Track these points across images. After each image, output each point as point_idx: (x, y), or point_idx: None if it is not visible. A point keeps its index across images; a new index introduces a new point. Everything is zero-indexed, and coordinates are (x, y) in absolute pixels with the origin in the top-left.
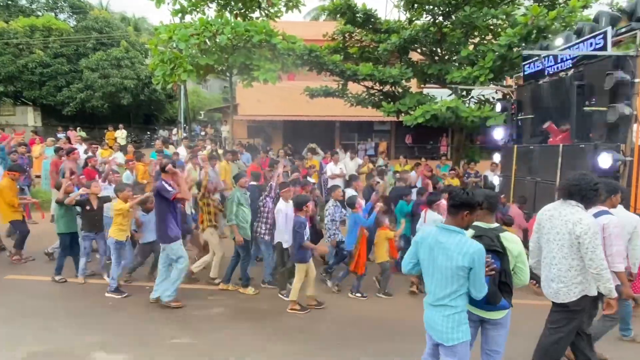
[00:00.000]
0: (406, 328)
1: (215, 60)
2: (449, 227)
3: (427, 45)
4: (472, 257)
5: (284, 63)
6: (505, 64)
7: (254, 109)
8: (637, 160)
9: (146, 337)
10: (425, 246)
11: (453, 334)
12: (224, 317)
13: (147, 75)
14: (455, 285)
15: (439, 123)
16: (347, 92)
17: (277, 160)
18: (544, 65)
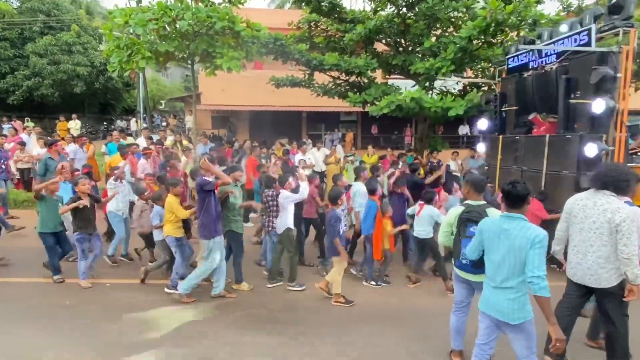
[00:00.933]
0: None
1: (175, 46)
2: (512, 214)
3: (391, 36)
4: (533, 241)
5: (248, 51)
6: (465, 55)
7: (218, 99)
8: (618, 149)
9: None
10: (491, 234)
11: (519, 314)
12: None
13: (101, 62)
14: (518, 269)
15: (404, 113)
16: (314, 82)
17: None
18: (528, 59)
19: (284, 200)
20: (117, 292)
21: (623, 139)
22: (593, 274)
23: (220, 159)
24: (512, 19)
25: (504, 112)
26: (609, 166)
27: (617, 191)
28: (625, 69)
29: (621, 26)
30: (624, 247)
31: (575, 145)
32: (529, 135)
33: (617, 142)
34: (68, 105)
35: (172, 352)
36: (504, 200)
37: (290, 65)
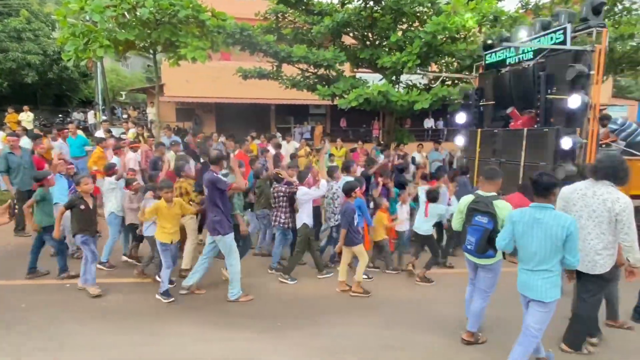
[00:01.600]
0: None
1: (135, 35)
2: (543, 204)
3: (359, 29)
4: (569, 228)
5: (213, 41)
6: (430, 50)
7: (183, 90)
8: (591, 142)
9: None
10: (523, 224)
11: (551, 292)
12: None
13: (55, 51)
14: (553, 253)
15: (371, 107)
16: (282, 75)
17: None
18: (506, 56)
19: (303, 196)
20: (81, 292)
21: (596, 132)
22: (590, 260)
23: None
24: (473, 15)
25: (482, 106)
26: (610, 157)
27: (617, 182)
28: (598, 67)
29: (595, 27)
30: (625, 235)
31: (552, 138)
32: (507, 128)
33: (590, 135)
34: (18, 96)
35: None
36: (534, 190)
37: (258, 56)
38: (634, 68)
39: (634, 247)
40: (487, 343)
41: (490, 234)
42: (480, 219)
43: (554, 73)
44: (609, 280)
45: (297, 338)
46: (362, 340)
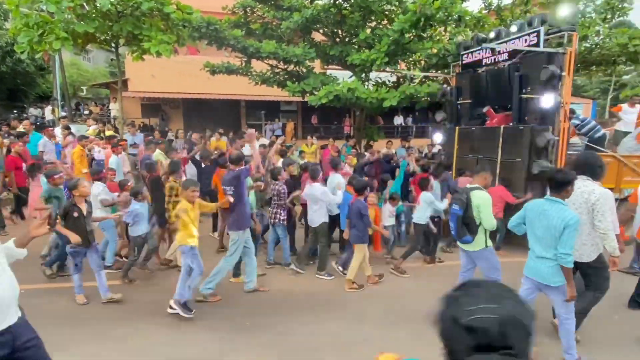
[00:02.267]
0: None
1: (95, 27)
2: (554, 198)
3: (328, 26)
4: (567, 222)
5: (179, 35)
6: (398, 48)
7: (148, 85)
8: (562, 139)
9: None
10: (534, 212)
11: (557, 278)
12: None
13: (8, 42)
14: (553, 243)
15: (341, 104)
16: (251, 70)
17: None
18: (482, 56)
19: (321, 194)
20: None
21: (567, 130)
22: (578, 249)
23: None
24: (439, 14)
25: (459, 104)
26: (587, 154)
27: (593, 176)
28: (569, 68)
29: (566, 30)
30: (599, 222)
31: (527, 135)
32: (484, 126)
33: (562, 132)
34: None
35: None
36: (549, 185)
37: (227, 51)
38: (587, 68)
39: (609, 235)
40: None
41: (463, 219)
42: (454, 207)
43: (528, 74)
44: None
45: (270, 336)
46: (335, 336)
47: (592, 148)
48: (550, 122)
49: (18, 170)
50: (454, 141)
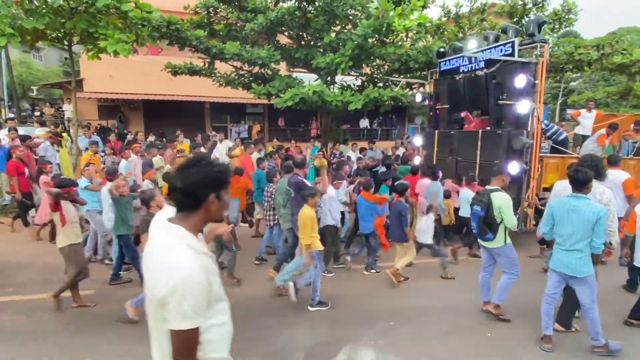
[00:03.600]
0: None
1: (46, 24)
2: (579, 195)
3: (293, 29)
4: (599, 214)
5: (138, 34)
6: (362, 52)
7: (105, 86)
8: (536, 142)
9: None
10: (561, 211)
11: (585, 268)
12: None
13: None
14: (585, 235)
15: (307, 106)
16: (215, 72)
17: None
18: (459, 64)
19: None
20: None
21: (539, 133)
22: None
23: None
24: (401, 20)
25: (438, 109)
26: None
27: (599, 177)
28: (541, 77)
29: (539, 42)
30: (611, 222)
31: (504, 139)
32: (462, 130)
33: (536, 135)
34: None
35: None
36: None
37: (190, 52)
38: None
39: (616, 232)
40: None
41: (485, 219)
42: (476, 208)
43: (503, 81)
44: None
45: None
46: (297, 341)
47: (557, 150)
48: (524, 126)
49: (21, 175)
50: (433, 144)
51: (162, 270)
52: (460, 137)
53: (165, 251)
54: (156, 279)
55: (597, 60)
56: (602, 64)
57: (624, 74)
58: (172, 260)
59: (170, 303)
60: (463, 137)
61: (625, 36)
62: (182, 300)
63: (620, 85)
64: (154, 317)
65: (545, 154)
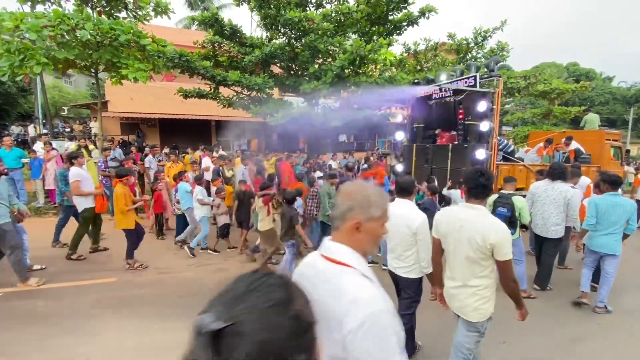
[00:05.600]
0: None
1: (76, 55)
2: (615, 193)
3: (284, 60)
4: (632, 207)
5: (155, 64)
6: (340, 81)
7: (126, 106)
8: (493, 153)
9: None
10: (607, 206)
11: (618, 248)
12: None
13: None
14: (623, 221)
15: (296, 124)
16: (219, 95)
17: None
18: (432, 92)
19: None
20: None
21: (496, 147)
22: (553, 230)
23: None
24: (370, 55)
25: (415, 127)
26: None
27: (565, 180)
28: (497, 103)
29: (495, 76)
30: (572, 212)
31: (470, 151)
32: (435, 144)
33: (494, 147)
34: None
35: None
36: (611, 185)
37: (197, 79)
38: None
39: (577, 218)
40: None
41: (510, 218)
42: (502, 209)
43: (468, 106)
44: (562, 241)
45: None
46: None
47: (507, 159)
48: (485, 141)
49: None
50: (412, 155)
51: None
52: (434, 150)
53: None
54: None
55: (524, 87)
56: (529, 91)
57: (545, 99)
58: None
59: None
60: (436, 150)
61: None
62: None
63: (543, 108)
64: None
65: (500, 162)
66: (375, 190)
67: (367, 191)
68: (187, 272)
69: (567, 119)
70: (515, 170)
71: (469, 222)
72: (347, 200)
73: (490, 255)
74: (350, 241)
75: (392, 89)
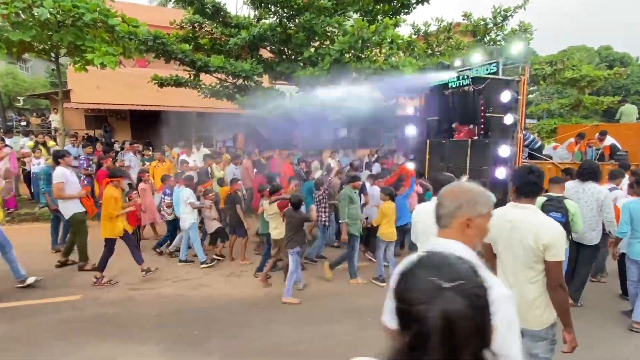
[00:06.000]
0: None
1: (32, 36)
2: None
3: (275, 44)
4: None
5: (125, 47)
6: (339, 66)
7: (92, 97)
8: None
9: None
10: (637, 211)
11: None
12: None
13: None
14: None
15: (289, 117)
16: (200, 83)
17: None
18: (448, 80)
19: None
20: None
21: (522, 142)
22: (588, 236)
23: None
24: (374, 37)
25: (428, 121)
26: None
27: (597, 180)
28: (523, 93)
29: (520, 63)
30: (607, 214)
31: (492, 147)
32: (453, 139)
33: (519, 144)
34: None
35: None
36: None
37: (175, 64)
38: None
39: (613, 222)
40: None
41: (565, 225)
42: (556, 214)
43: (489, 96)
44: (600, 248)
45: (213, 345)
46: (279, 339)
47: (533, 157)
48: (509, 136)
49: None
50: (425, 152)
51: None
52: (450, 146)
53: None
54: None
55: (550, 75)
56: (555, 79)
57: (574, 87)
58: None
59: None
60: (454, 146)
61: (574, 54)
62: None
63: (571, 98)
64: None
65: (526, 160)
66: (479, 190)
67: (473, 191)
68: (164, 288)
69: (599, 111)
70: (543, 168)
71: (519, 223)
72: (455, 200)
73: (544, 257)
74: (461, 237)
75: (401, 77)
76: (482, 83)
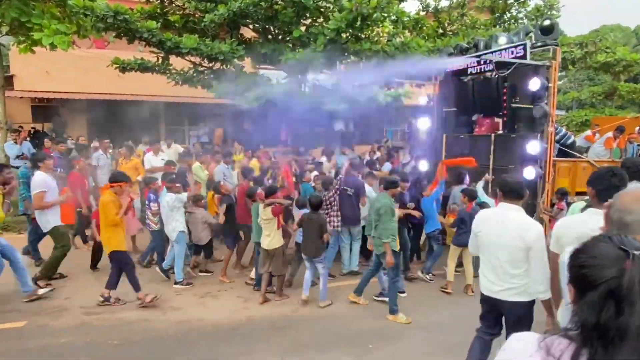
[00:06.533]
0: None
1: None
2: None
3: (259, 21)
4: None
5: (80, 25)
6: (335, 48)
7: (41, 84)
8: (550, 145)
9: None
10: None
11: None
12: None
13: None
14: None
15: (276, 107)
16: (170, 68)
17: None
18: (467, 65)
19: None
20: None
21: (553, 136)
22: None
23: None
24: (376, 13)
25: (444, 112)
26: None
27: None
28: (554, 80)
29: (551, 45)
30: None
31: (519, 142)
32: (473, 134)
33: (550, 139)
34: None
35: None
36: None
37: (140, 45)
38: None
39: None
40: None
41: None
42: None
43: (515, 84)
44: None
45: None
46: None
47: (566, 153)
48: (538, 130)
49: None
50: (441, 148)
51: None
52: (470, 141)
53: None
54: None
55: (580, 58)
56: (586, 63)
57: (608, 73)
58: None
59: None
60: (475, 141)
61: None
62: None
63: (605, 85)
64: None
65: (557, 158)
66: None
67: None
68: (126, 312)
69: (636, 100)
70: (576, 167)
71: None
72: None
73: None
74: None
75: (407, 61)
76: (507, 69)
